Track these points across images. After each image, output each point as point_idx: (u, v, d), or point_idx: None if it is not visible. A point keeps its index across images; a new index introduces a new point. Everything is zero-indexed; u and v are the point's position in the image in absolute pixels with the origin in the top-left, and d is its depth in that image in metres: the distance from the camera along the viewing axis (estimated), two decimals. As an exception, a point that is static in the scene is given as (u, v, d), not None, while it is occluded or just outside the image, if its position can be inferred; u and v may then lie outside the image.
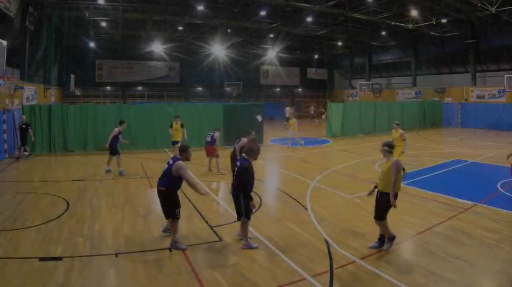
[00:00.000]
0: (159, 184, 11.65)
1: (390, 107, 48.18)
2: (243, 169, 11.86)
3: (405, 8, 43.84)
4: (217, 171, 23.14)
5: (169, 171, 11.53)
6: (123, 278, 9.89)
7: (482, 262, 10.79)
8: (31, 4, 36.94)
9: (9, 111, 28.20)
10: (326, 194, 18.39)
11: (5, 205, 16.30)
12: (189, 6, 43.97)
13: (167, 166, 11.69)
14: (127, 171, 23.13)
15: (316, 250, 11.66)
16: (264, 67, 75.12)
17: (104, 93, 65.67)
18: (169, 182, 11.59)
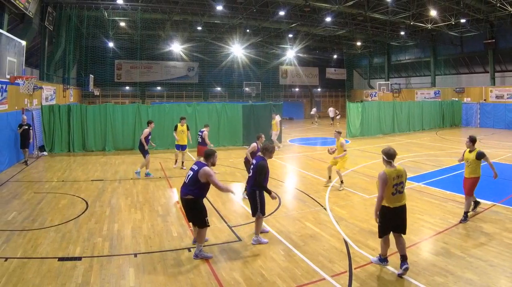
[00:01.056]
0: (185, 192, 11.03)
1: (409, 107, 47.85)
2: (259, 166, 12.13)
3: (424, 8, 43.53)
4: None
5: (196, 177, 10.91)
6: (142, 278, 9.89)
7: (501, 262, 10.69)
8: (50, 4, 37.13)
9: (28, 111, 28.32)
10: (345, 194, 18.34)
11: (24, 205, 16.37)
12: (208, 6, 44.26)
13: (191, 173, 11.06)
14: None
15: (335, 250, 11.63)
16: (283, 67, 74.70)
17: (123, 93, 65.81)
18: (196, 189, 10.99)
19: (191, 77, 69.38)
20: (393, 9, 44.87)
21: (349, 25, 53.63)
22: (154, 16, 46.99)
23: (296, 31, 58.40)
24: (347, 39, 65.42)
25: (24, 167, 24.82)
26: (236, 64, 66.39)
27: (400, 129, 45.68)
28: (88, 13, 43.33)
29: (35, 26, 32.85)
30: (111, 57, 61.30)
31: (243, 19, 49.16)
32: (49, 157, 28.76)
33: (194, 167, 11.20)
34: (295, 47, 63.04)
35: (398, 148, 31.22)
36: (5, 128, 23.84)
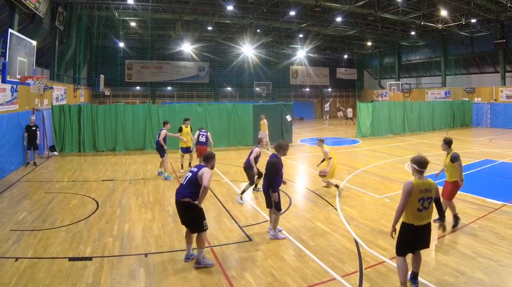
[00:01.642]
0: (183, 194, 10.54)
1: (419, 107, 47.71)
2: (271, 163, 12.40)
3: (434, 8, 43.41)
4: None
5: (195, 179, 10.56)
6: (152, 278, 9.90)
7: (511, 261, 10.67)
8: (61, 4, 37.22)
9: (39, 111, 28.42)
10: (355, 194, 18.31)
11: (34, 205, 16.42)
12: (219, 6, 44.27)
13: (190, 174, 10.75)
14: (157, 171, 22.98)
15: (345, 250, 11.63)
16: (294, 67, 74.52)
17: (134, 93, 65.92)
18: (195, 191, 10.52)
19: (201, 77, 69.28)
20: (404, 9, 44.74)
21: (360, 25, 53.55)
22: (164, 16, 47.05)
23: (306, 31, 58.39)
24: (357, 39, 65.38)
25: (34, 167, 24.88)
26: (247, 64, 66.43)
27: (410, 129, 45.59)
28: (99, 13, 43.51)
29: (45, 26, 32.94)
30: (121, 57, 61.46)
31: (254, 19, 49.17)
32: (60, 157, 28.87)
33: (194, 169, 10.86)
34: (305, 47, 62.91)
35: (408, 147, 31.34)
36: (15, 128, 23.91)
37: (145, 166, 24.55)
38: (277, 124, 34.92)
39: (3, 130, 21.64)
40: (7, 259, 10.79)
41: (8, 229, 13.21)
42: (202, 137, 22.46)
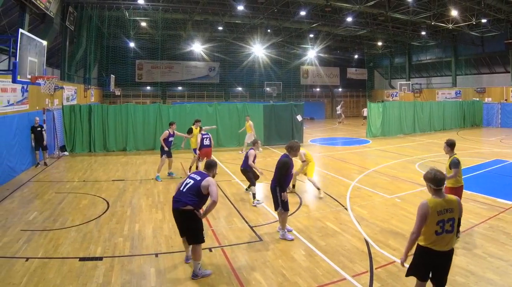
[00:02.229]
0: (184, 202, 9.90)
1: (430, 107, 47.54)
2: (282, 163, 12.39)
3: (445, 8, 43.13)
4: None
5: (198, 188, 10.01)
6: (163, 278, 9.91)
7: (522, 262, 10.57)
8: (71, 4, 37.32)
9: (49, 111, 28.55)
10: (366, 194, 18.27)
11: (45, 205, 16.46)
12: (229, 6, 44.26)
13: (192, 181, 10.17)
14: (167, 171, 23.02)
15: (356, 250, 11.61)
16: (304, 67, 74.46)
17: (144, 93, 66.02)
18: (197, 200, 10.04)
19: (212, 77, 69.30)
20: (414, 9, 44.55)
21: (370, 25, 53.34)
22: (175, 16, 47.08)
23: (317, 31, 58.26)
24: (368, 39, 65.20)
25: (44, 167, 24.97)
26: (257, 64, 66.29)
27: (421, 129, 45.45)
28: (109, 13, 43.59)
29: (56, 26, 33.03)
30: (132, 57, 61.71)
31: (264, 19, 49.11)
32: (70, 157, 28.96)
33: (195, 176, 10.37)
34: (316, 47, 62.68)
35: (419, 147, 31.32)
36: (26, 129, 24.03)
37: (156, 166, 24.21)
38: (287, 124, 34.92)
39: (13, 130, 21.76)
40: (17, 259, 10.82)
41: (18, 229, 13.25)
42: (206, 140, 22.14)
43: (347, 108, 75.21)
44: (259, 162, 24.94)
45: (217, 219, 14.51)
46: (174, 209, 10.12)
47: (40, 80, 19.48)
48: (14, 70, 16.10)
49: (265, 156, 22.19)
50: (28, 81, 18.11)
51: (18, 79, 16.54)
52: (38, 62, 18.84)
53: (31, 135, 24.63)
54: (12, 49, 16.91)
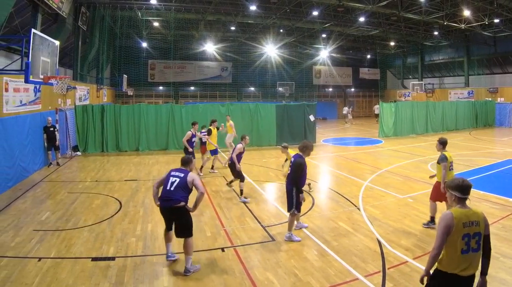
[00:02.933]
0: (177, 200, 10.33)
1: (442, 107, 47.39)
2: (297, 164, 12.32)
3: (457, 8, 42.97)
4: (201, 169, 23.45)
5: (185, 183, 10.51)
6: (176, 278, 9.94)
7: (534, 262, 10.52)
8: (84, 4, 37.43)
9: (62, 111, 28.64)
10: (378, 194, 18.24)
11: (57, 205, 16.52)
12: (242, 6, 44.23)
13: (178, 179, 10.53)
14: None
15: (368, 250, 11.60)
16: (317, 67, 74.24)
17: (157, 93, 66.19)
18: (186, 195, 10.60)
19: (224, 77, 69.33)
20: (427, 9, 44.41)
21: (383, 25, 53.20)
22: (187, 16, 47.16)
23: (329, 31, 58.11)
24: (380, 39, 65.08)
25: (57, 167, 25.03)
26: (270, 64, 66.22)
27: (433, 129, 45.26)
28: (122, 13, 43.80)
29: (68, 26, 33.11)
30: (144, 57, 62.02)
31: (277, 19, 49.10)
32: (83, 157, 29.05)
33: (177, 173, 10.73)
34: (328, 47, 62.54)
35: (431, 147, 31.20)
36: (38, 128, 24.13)
37: (168, 166, 24.36)
38: (300, 124, 34.86)
39: (26, 130, 21.84)
40: (30, 259, 10.85)
41: (31, 229, 13.30)
42: (204, 138, 22.89)
43: (359, 108, 75.35)
44: (272, 162, 25.14)
45: (230, 219, 14.52)
46: (166, 208, 10.44)
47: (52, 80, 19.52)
48: (26, 70, 16.13)
49: (278, 156, 22.18)
50: (41, 81, 18.14)
51: (30, 79, 16.57)
52: (50, 62, 18.88)
53: (43, 135, 24.68)
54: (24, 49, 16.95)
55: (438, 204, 13.34)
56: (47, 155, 25.22)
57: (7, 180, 19.07)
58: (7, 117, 19.56)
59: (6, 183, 18.90)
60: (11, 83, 20.30)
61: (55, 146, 25.38)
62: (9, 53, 24.14)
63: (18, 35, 26.06)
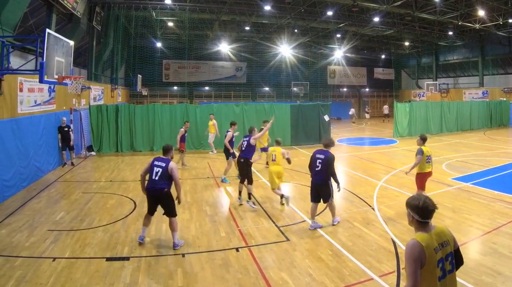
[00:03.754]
0: (161, 186, 11.95)
1: (457, 107, 47.14)
2: (331, 159, 13.36)
3: (472, 8, 42.81)
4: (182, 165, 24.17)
5: (167, 172, 12.01)
6: (190, 278, 9.93)
7: (550, 262, 10.47)
8: (98, 4, 37.63)
9: (76, 111, 28.72)
10: (393, 194, 18.22)
11: (72, 205, 16.57)
12: (256, 6, 44.36)
13: (161, 170, 12.10)
14: (195, 171, 23.59)
15: (383, 250, 11.58)
16: (331, 67, 74.31)
17: (171, 93, 66.38)
18: (169, 182, 12.09)
19: (239, 77, 69.48)
20: (441, 9, 44.31)
21: (397, 25, 53.10)
22: (202, 16, 47.37)
23: (344, 31, 58.18)
24: (395, 39, 64.93)
25: (71, 167, 25.09)
26: (284, 64, 66.22)
27: (448, 129, 45.13)
28: (136, 13, 44.08)
29: (83, 26, 33.34)
30: (159, 57, 62.33)
31: (291, 19, 49.16)
32: (97, 157, 29.12)
33: (160, 163, 12.28)
34: (343, 47, 62.40)
35: (446, 147, 31.16)
36: (53, 128, 24.20)
37: (182, 166, 24.55)
38: (314, 124, 34.77)
39: (40, 130, 21.94)
40: (44, 259, 10.88)
41: (45, 229, 13.34)
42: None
43: (374, 108, 75.32)
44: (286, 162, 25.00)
45: (244, 219, 14.53)
46: (153, 195, 12.11)
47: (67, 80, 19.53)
48: (41, 70, 16.14)
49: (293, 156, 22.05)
50: (55, 81, 18.16)
51: (45, 79, 16.58)
52: (65, 62, 18.90)
53: (58, 135, 24.74)
54: (39, 49, 16.96)
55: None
56: (62, 155, 25.26)
57: (22, 180, 19.15)
58: (22, 117, 19.64)
59: (21, 183, 18.99)
60: (26, 83, 20.36)
61: (69, 146, 25.43)
62: (23, 53, 24.22)
63: (33, 35, 26.21)
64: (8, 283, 9.49)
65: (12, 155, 18.06)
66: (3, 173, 16.99)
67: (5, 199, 17.01)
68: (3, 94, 17.96)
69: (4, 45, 17.65)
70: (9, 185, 17.64)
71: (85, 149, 29.61)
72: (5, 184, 17.14)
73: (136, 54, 56.02)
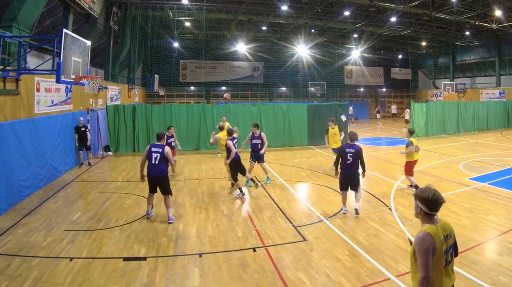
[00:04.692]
0: (161, 169, 14.20)
1: (473, 107, 46.80)
2: (361, 151, 15.15)
3: (489, 8, 42.65)
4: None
5: (163, 155, 14.14)
6: (207, 278, 9.94)
7: None
8: (115, 4, 37.83)
9: (93, 111, 28.82)
10: (409, 194, 18.06)
11: (89, 205, 16.66)
12: (273, 6, 44.54)
13: (159, 154, 14.12)
14: (212, 171, 23.67)
15: (400, 250, 11.54)
16: (348, 67, 74.02)
17: (188, 93, 66.56)
18: (166, 165, 14.40)
19: (256, 77, 69.47)
20: (458, 9, 44.13)
21: (414, 25, 53.00)
22: (219, 16, 47.54)
23: (361, 31, 58.12)
24: (412, 39, 64.82)
25: (88, 167, 25.19)
26: (301, 64, 66.07)
27: (465, 129, 44.81)
28: (153, 13, 44.33)
29: (100, 26, 33.53)
30: (176, 57, 62.32)
31: (308, 19, 49.20)
32: (114, 157, 29.22)
33: (156, 149, 14.27)
34: (360, 47, 62.62)
35: (463, 147, 31.03)
36: (70, 128, 24.25)
37: (200, 166, 24.74)
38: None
39: (57, 130, 22.01)
40: (61, 259, 10.93)
41: (62, 229, 13.40)
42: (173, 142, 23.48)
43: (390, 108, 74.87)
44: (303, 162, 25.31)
45: (261, 219, 14.52)
46: (154, 177, 14.19)
47: (84, 80, 19.59)
48: (58, 70, 16.18)
49: (309, 156, 22.08)
50: (72, 81, 18.20)
51: (62, 79, 16.62)
52: (82, 62, 18.94)
53: (75, 135, 24.77)
54: (56, 49, 16.97)
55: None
56: (79, 155, 25.32)
57: (39, 180, 19.23)
58: (39, 118, 19.74)
59: (38, 183, 19.07)
60: (43, 83, 20.47)
61: (86, 146, 25.44)
62: (40, 53, 24.40)
63: (50, 35, 26.49)
64: (25, 283, 9.52)
65: (29, 155, 18.15)
66: (20, 173, 17.09)
67: (22, 199, 17.07)
68: (20, 94, 18.06)
69: (21, 45, 17.77)
70: (26, 185, 17.73)
71: (102, 149, 29.72)
72: (22, 184, 17.25)
73: (153, 54, 56.19)
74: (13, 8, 19.59)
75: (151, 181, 14.21)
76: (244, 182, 19.76)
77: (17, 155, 16.91)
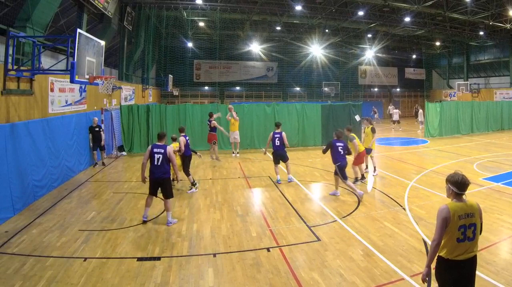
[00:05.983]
0: (164, 172, 14.09)
1: (487, 107, 46.62)
2: (347, 145, 16.85)
3: (503, 8, 42.50)
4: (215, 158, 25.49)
5: (166, 157, 14.02)
6: (221, 278, 9.93)
7: None
8: (129, 4, 37.97)
9: (107, 111, 28.95)
10: (424, 194, 18.00)
11: (103, 205, 16.73)
12: (287, 6, 44.51)
13: (161, 156, 14.01)
14: (226, 171, 23.74)
15: (414, 250, 11.49)
16: (362, 67, 74.14)
17: (202, 93, 66.89)
18: (169, 167, 14.30)
19: (270, 77, 69.66)
20: (472, 9, 44.06)
21: (428, 25, 52.92)
22: (233, 16, 47.66)
23: (375, 31, 58.16)
24: (426, 39, 64.75)
25: (102, 167, 25.27)
26: (315, 64, 66.03)
27: (478, 129, 44.67)
28: (167, 13, 44.42)
29: (114, 26, 33.64)
30: (190, 57, 62.28)
31: (322, 19, 49.23)
32: (128, 157, 29.31)
33: (159, 150, 14.13)
34: (374, 47, 62.59)
35: (476, 148, 30.90)
36: (84, 128, 24.32)
37: (213, 168, 24.74)
38: (345, 124, 33.96)
39: (71, 130, 22.11)
40: (75, 259, 10.97)
41: (76, 229, 13.45)
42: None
43: (404, 108, 74.80)
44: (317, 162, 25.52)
45: (275, 219, 14.50)
46: (156, 179, 14.11)
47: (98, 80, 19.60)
48: (72, 70, 16.21)
49: (323, 156, 22.00)
50: (86, 81, 18.23)
51: (76, 79, 16.65)
52: (96, 62, 18.97)
53: (89, 135, 24.84)
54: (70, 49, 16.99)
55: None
56: (93, 155, 25.39)
57: (53, 180, 19.32)
58: (53, 117, 19.82)
59: (52, 183, 19.16)
60: (57, 83, 20.55)
61: (100, 146, 25.52)
62: (54, 53, 24.50)
63: (64, 35, 26.59)
64: (39, 283, 9.56)
65: (43, 155, 18.22)
66: (34, 173, 17.17)
67: (36, 199, 17.15)
68: (34, 94, 18.14)
69: (35, 45, 17.83)
70: (40, 185, 17.81)
71: (116, 149, 29.86)
72: (36, 184, 17.32)
73: (167, 54, 56.48)
74: (27, 8, 19.70)
75: (154, 182, 14.18)
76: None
77: (31, 155, 16.98)
